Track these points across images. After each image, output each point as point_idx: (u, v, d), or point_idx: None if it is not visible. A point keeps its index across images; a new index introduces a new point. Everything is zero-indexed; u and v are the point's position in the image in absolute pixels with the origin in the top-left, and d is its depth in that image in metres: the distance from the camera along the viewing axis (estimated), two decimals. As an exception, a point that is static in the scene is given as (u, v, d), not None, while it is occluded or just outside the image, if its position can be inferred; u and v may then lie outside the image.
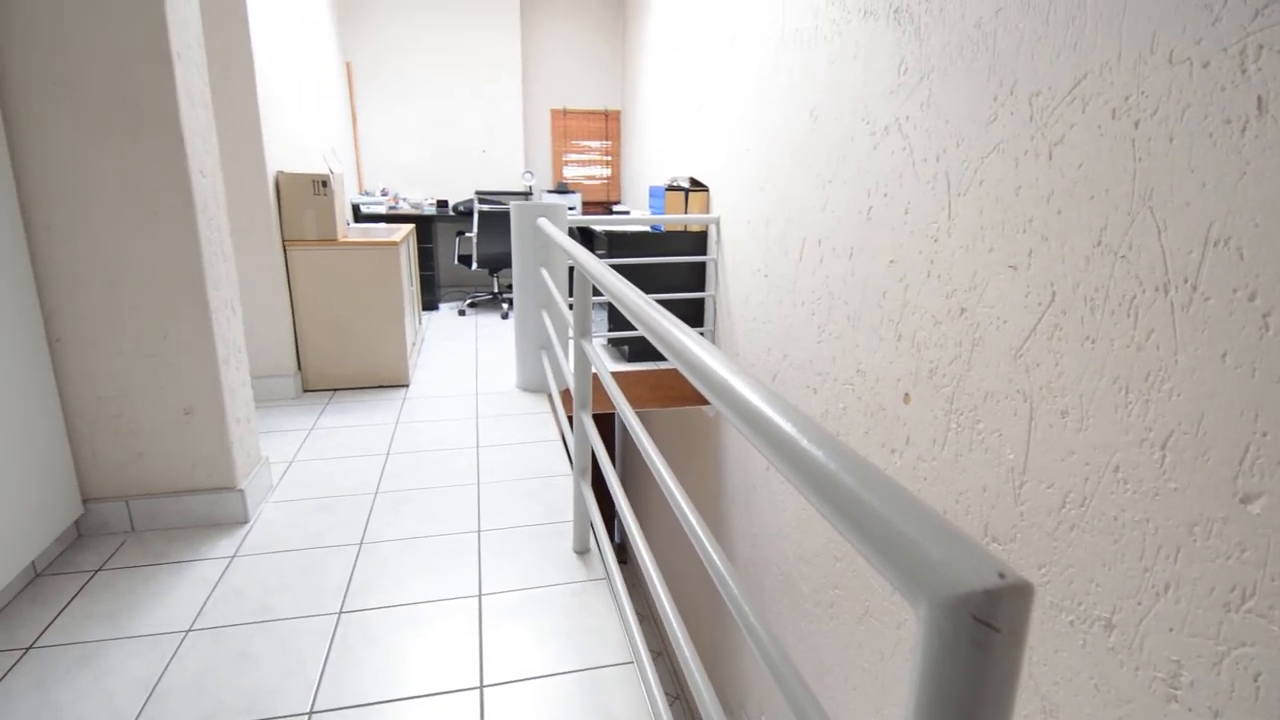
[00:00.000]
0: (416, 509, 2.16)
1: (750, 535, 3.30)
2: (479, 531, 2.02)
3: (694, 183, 3.83)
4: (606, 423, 6.78)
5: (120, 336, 1.87)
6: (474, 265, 4.99)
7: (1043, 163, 1.54)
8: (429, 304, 5.20)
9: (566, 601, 1.70)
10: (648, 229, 3.83)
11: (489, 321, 4.86)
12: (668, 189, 3.88)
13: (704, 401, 3.76)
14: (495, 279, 5.39)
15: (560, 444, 2.71)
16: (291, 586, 1.75)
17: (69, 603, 1.68)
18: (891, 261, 2.09)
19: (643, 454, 1.14)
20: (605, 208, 6.19)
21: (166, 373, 1.92)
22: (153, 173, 1.80)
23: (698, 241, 3.80)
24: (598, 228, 3.99)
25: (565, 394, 3.32)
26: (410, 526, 2.05)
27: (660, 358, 3.75)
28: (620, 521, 6.81)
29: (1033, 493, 1.60)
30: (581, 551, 1.90)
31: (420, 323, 4.43)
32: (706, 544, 0.80)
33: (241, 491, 2.03)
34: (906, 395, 2.04)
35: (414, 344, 3.81)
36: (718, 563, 0.77)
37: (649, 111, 5.20)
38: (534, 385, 3.32)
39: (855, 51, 2.28)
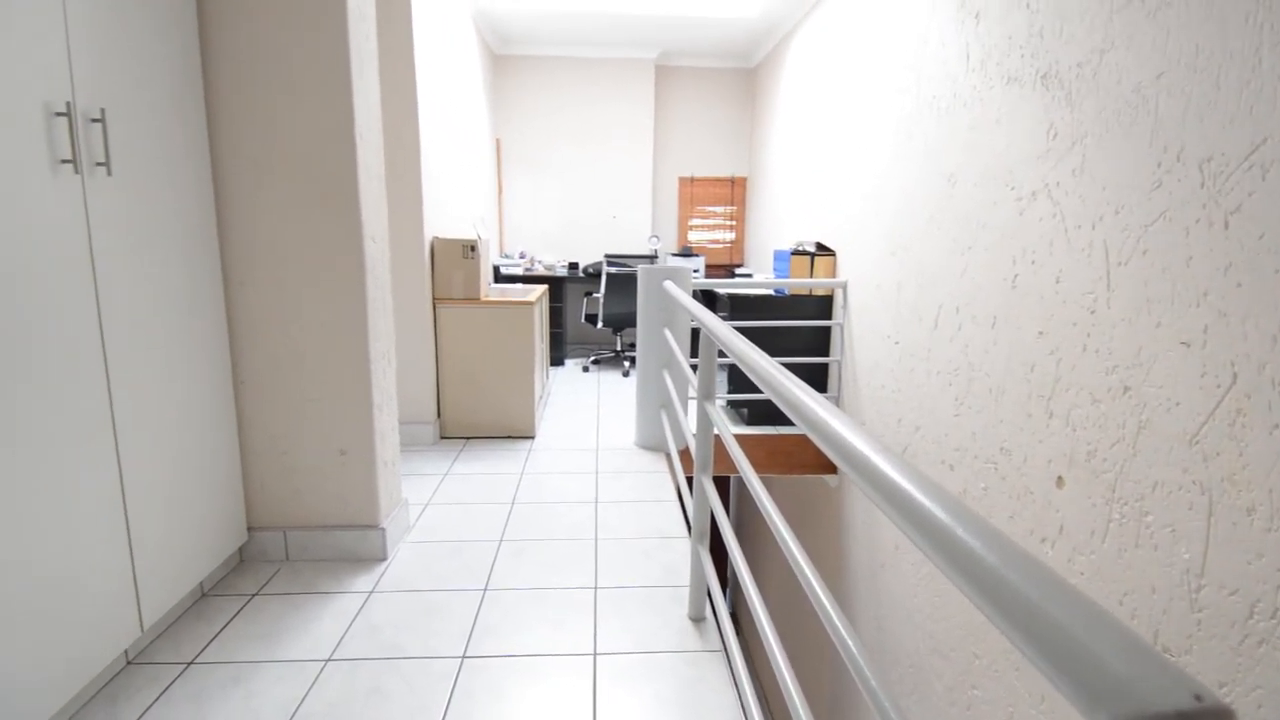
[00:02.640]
0: (537, 559, 2.21)
1: (876, 619, 3.09)
2: (596, 588, 2.03)
3: (820, 247, 3.80)
4: (721, 485, 6.67)
5: (292, 382, 2.09)
6: (599, 324, 5.17)
7: (1218, 232, 1.41)
8: (556, 360, 5.42)
9: (682, 671, 1.66)
10: (771, 292, 3.83)
11: (611, 378, 4.98)
12: (793, 253, 3.88)
13: (827, 470, 3.62)
14: (618, 337, 5.55)
15: (677, 504, 2.70)
16: (420, 626, 1.83)
17: (228, 623, 1.84)
18: (1041, 333, 1.96)
19: (768, 523, 1.12)
20: (728, 270, 6.26)
21: (327, 416, 2.12)
22: (332, 238, 2.03)
23: (823, 305, 3.74)
24: (721, 290, 4.03)
25: (683, 453, 3.32)
26: (531, 576, 2.10)
27: (781, 422, 3.68)
28: (732, 587, 6.59)
29: (1212, 599, 1.40)
30: (697, 619, 1.86)
31: (547, 377, 4.62)
32: (840, 628, 0.77)
33: (383, 530, 2.17)
34: (1059, 479, 1.87)
35: (541, 398, 3.97)
36: (854, 650, 0.73)
37: (775, 177, 5.26)
38: (652, 443, 3.35)
39: (998, 117, 2.22)
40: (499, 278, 5.37)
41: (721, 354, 1.77)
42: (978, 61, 2.34)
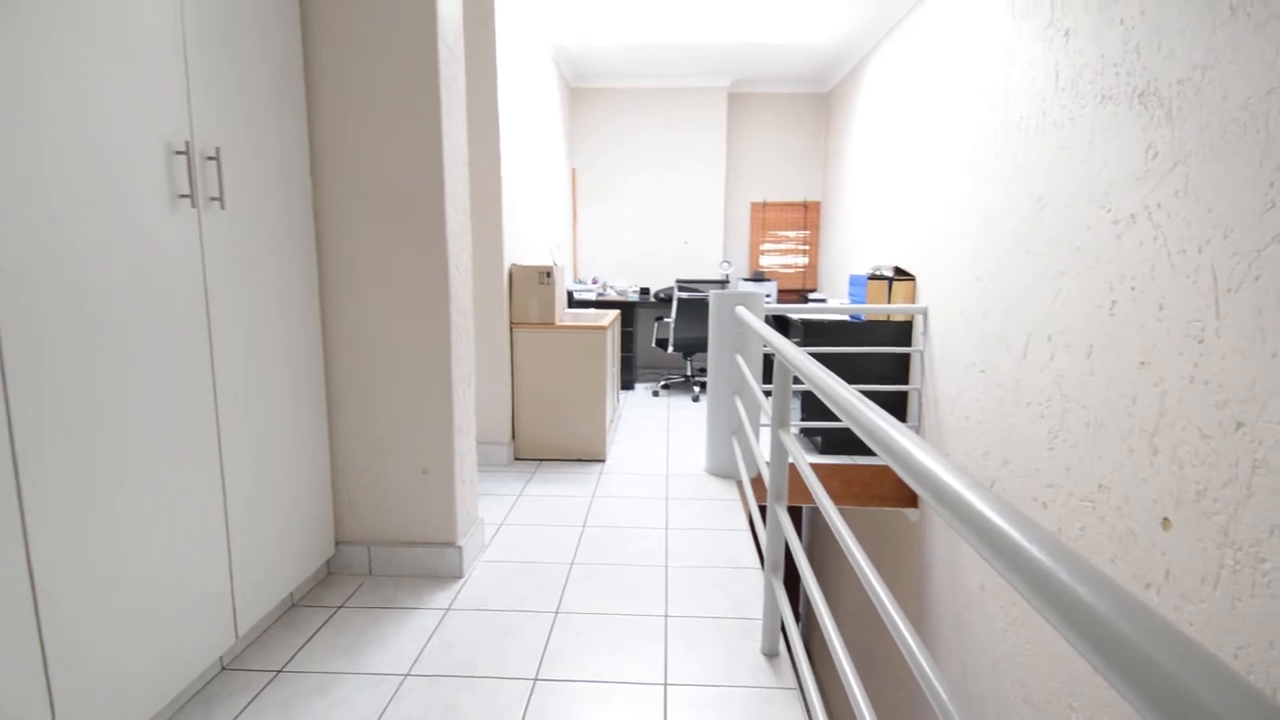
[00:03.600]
0: (609, 584, 2.21)
1: (960, 664, 2.93)
2: (666, 616, 2.02)
3: (899, 271, 3.71)
4: (793, 515, 6.52)
5: (380, 402, 2.19)
6: (670, 349, 5.18)
7: (1350, 256, 1.30)
8: (626, 384, 5.47)
9: (755, 708, 1.62)
10: (847, 317, 3.75)
11: (680, 403, 4.98)
12: (870, 277, 3.79)
13: (907, 503, 3.49)
14: (689, 362, 5.54)
15: (748, 534, 2.66)
16: (495, 645, 1.86)
17: (315, 634, 1.92)
18: (1143, 363, 1.85)
19: (848, 558, 1.09)
20: (801, 295, 6.18)
21: (411, 435, 2.20)
22: (419, 267, 2.13)
23: (901, 332, 3.63)
24: (794, 315, 3.98)
25: (755, 481, 3.27)
26: (602, 601, 2.10)
27: (857, 451, 3.58)
28: (805, 622, 6.40)
29: (1354, 661, 1.27)
30: (770, 654, 1.81)
31: (618, 401, 4.66)
32: (929, 672, 0.74)
33: (460, 548, 2.23)
34: (1165, 520, 1.74)
35: (612, 421, 4.00)
36: (943, 697, 0.70)
37: (850, 201, 5.18)
38: (723, 470, 3.31)
39: (1091, 137, 2.12)
40: (572, 303, 5.48)
41: (796, 380, 1.75)
42: (1068, 80, 2.26)
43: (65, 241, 1.21)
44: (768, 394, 3.26)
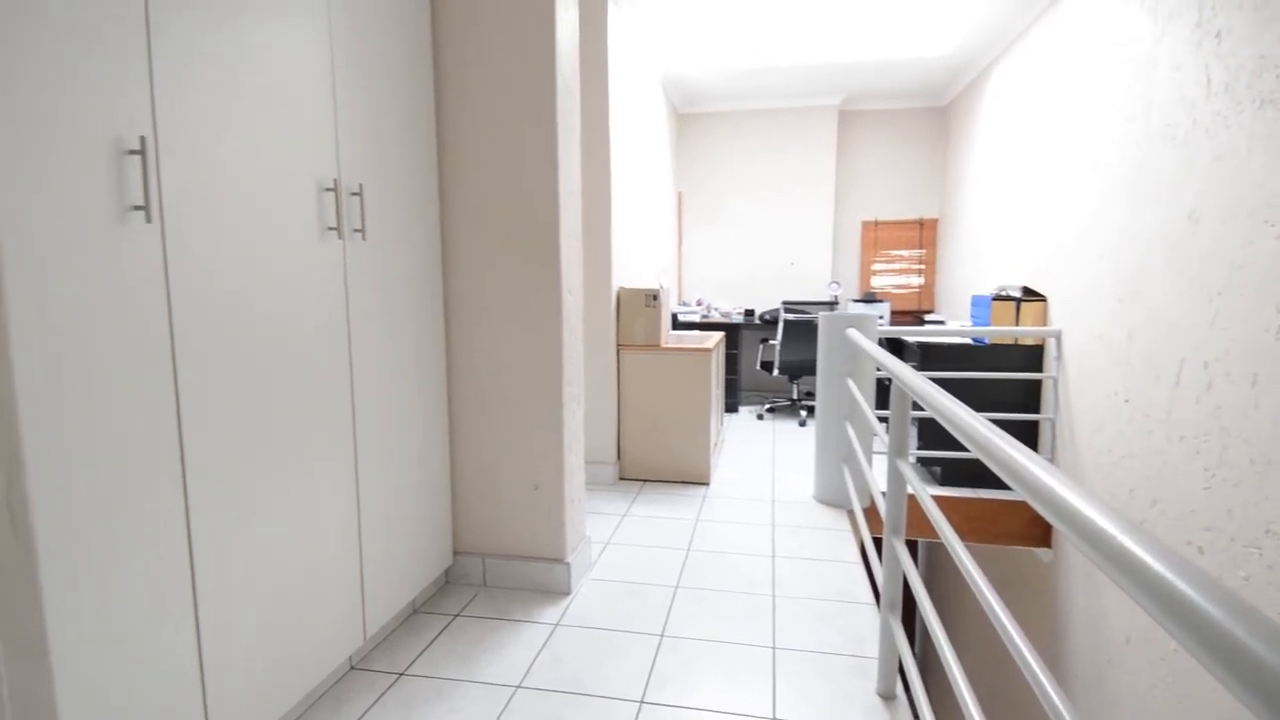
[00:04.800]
0: (714, 610, 2.19)
1: None
2: (774, 648, 1.97)
3: (1027, 291, 3.48)
4: (908, 550, 6.18)
5: (497, 419, 2.28)
6: (775, 371, 5.10)
7: None
8: (730, 406, 5.41)
9: (869, 748, 1.54)
10: (969, 341, 3.55)
11: (786, 428, 4.87)
12: (994, 298, 3.58)
13: (1038, 542, 3.24)
14: (795, 385, 5.42)
15: (860, 566, 2.55)
16: (601, 664, 1.87)
17: (434, 640, 2.01)
18: (1324, 395, 1.63)
19: (980, 600, 1.02)
20: (916, 317, 5.91)
21: (524, 452, 2.28)
22: (535, 290, 2.22)
23: (1031, 356, 3.40)
24: (910, 338, 3.81)
25: (868, 511, 3.13)
26: (708, 628, 2.08)
27: (982, 484, 3.36)
28: (921, 663, 6.02)
29: None
30: (886, 696, 1.72)
31: (722, 424, 4.62)
32: (1076, 727, 0.68)
33: (568, 565, 2.28)
34: (1357, 575, 1.52)
35: (715, 444, 3.98)
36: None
37: (972, 218, 4.93)
38: (832, 498, 3.20)
39: (1249, 145, 1.92)
40: (676, 324, 5.51)
41: (915, 407, 1.67)
42: (1221, 85, 2.06)
43: (235, 270, 1.35)
44: (882, 420, 3.13)
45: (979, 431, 1.02)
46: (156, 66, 1.15)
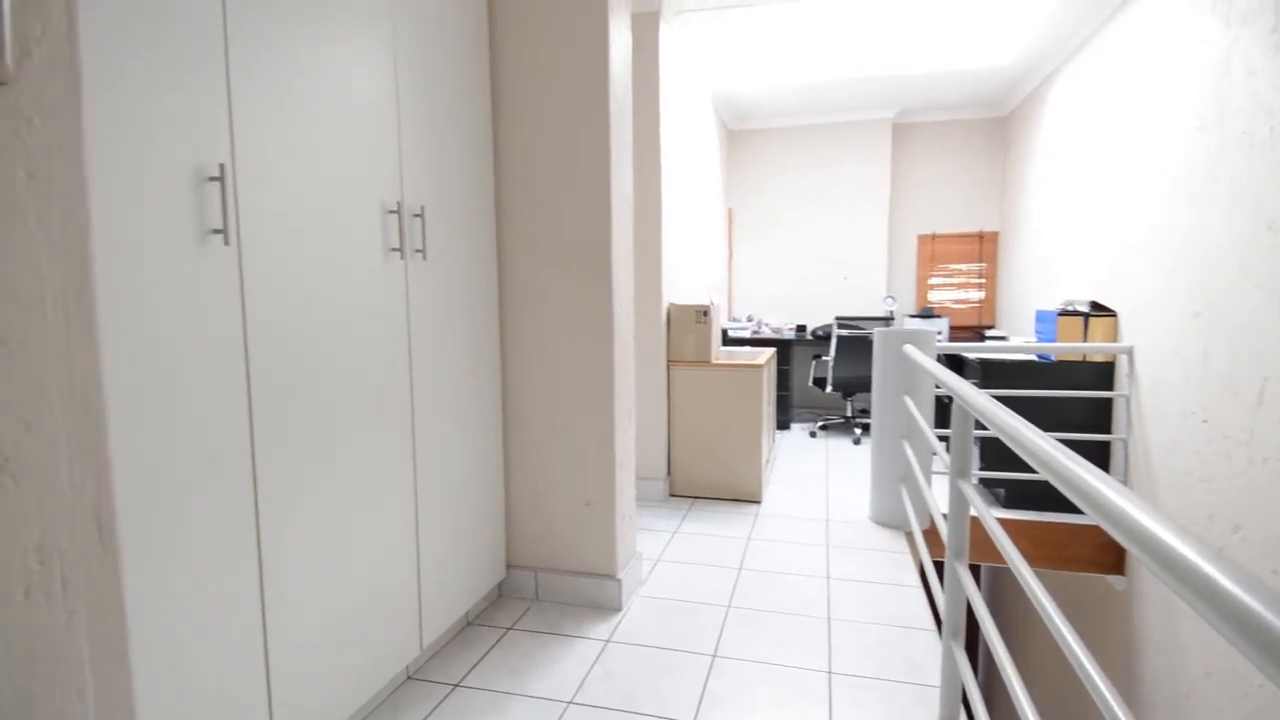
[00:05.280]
0: (767, 632, 2.15)
1: (1179, 759, 2.51)
2: (830, 673, 1.92)
3: (1096, 306, 3.34)
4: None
5: (550, 434, 2.31)
6: (828, 388, 5.01)
7: None
8: (782, 423, 5.34)
9: (931, 780, 1.48)
10: (1034, 357, 3.43)
11: (840, 445, 4.78)
12: (1060, 313, 3.46)
13: (1110, 569, 3.08)
14: (849, 403, 5.32)
15: (920, 590, 2.47)
16: (653, 683, 1.86)
17: (487, 652, 2.04)
18: None
19: (1051, 629, 0.98)
20: (976, 333, 5.74)
21: (576, 468, 2.30)
22: (587, 307, 2.24)
23: (1100, 374, 3.26)
24: (970, 355, 3.70)
25: (928, 533, 3.04)
26: (761, 650, 2.04)
27: (1049, 508, 3.22)
28: (985, 693, 5.77)
29: None
30: (949, 724, 1.66)
31: (773, 441, 4.56)
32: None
33: (619, 581, 2.28)
34: None
35: (767, 462, 3.93)
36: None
37: (1035, 230, 4.77)
38: (889, 519, 3.12)
39: (1348, 148, 1.81)
40: (727, 340, 5.48)
41: (977, 425, 1.62)
42: (1312, 86, 1.95)
43: (304, 289, 1.41)
44: (942, 439, 3.04)
45: (1048, 452, 0.99)
46: (235, 98, 1.22)
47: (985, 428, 1.40)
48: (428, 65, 1.85)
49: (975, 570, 5.85)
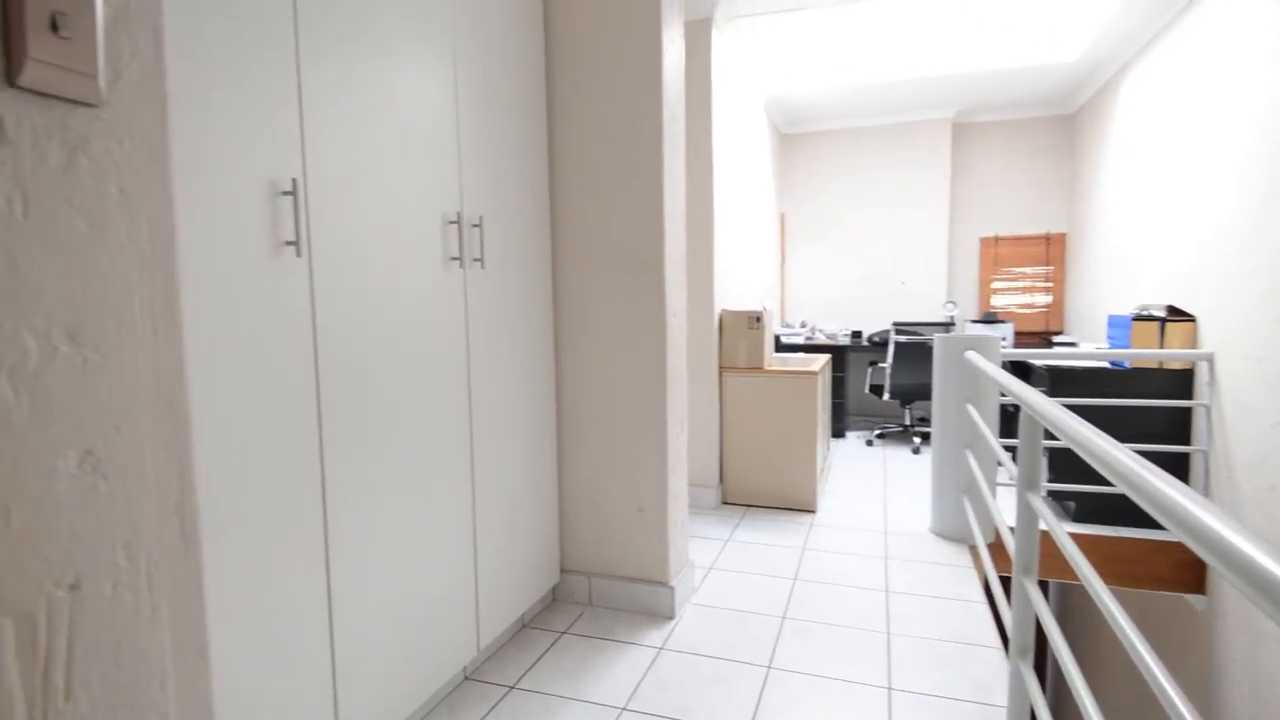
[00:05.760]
0: (823, 644, 2.10)
1: (1272, 795, 2.34)
2: (889, 689, 1.86)
3: (1173, 311, 3.17)
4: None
5: (603, 440, 2.32)
6: (886, 395, 4.89)
7: None
8: (837, 432, 5.24)
9: (998, 805, 1.42)
10: (1105, 364, 3.28)
11: (898, 455, 4.66)
12: (1135, 318, 3.30)
13: (1191, 588, 2.91)
14: (907, 411, 5.18)
15: (985, 606, 2.38)
16: (706, 693, 1.85)
17: (542, 655, 2.05)
18: None
19: (1130, 651, 0.93)
20: (1043, 339, 5.52)
21: (629, 474, 2.30)
22: (640, 314, 2.25)
23: (1178, 381, 3.09)
24: (1037, 361, 3.56)
25: (993, 547, 2.93)
26: (817, 662, 2.00)
27: (1125, 522, 3.07)
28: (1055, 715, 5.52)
29: None
30: (1016, 747, 1.59)
31: (828, 449, 4.48)
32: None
33: (672, 588, 2.27)
34: None
35: (822, 471, 3.86)
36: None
37: (1106, 231, 4.57)
38: (951, 532, 3.02)
39: None
40: (779, 347, 5.41)
41: (1047, 435, 1.55)
42: None
43: (369, 298, 1.46)
44: (1008, 449, 2.93)
45: (1126, 464, 0.94)
46: (306, 115, 1.27)
47: (1054, 438, 1.34)
48: (486, 77, 1.90)
49: (1043, 586, 5.61)
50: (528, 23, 2.14)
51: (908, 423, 5.15)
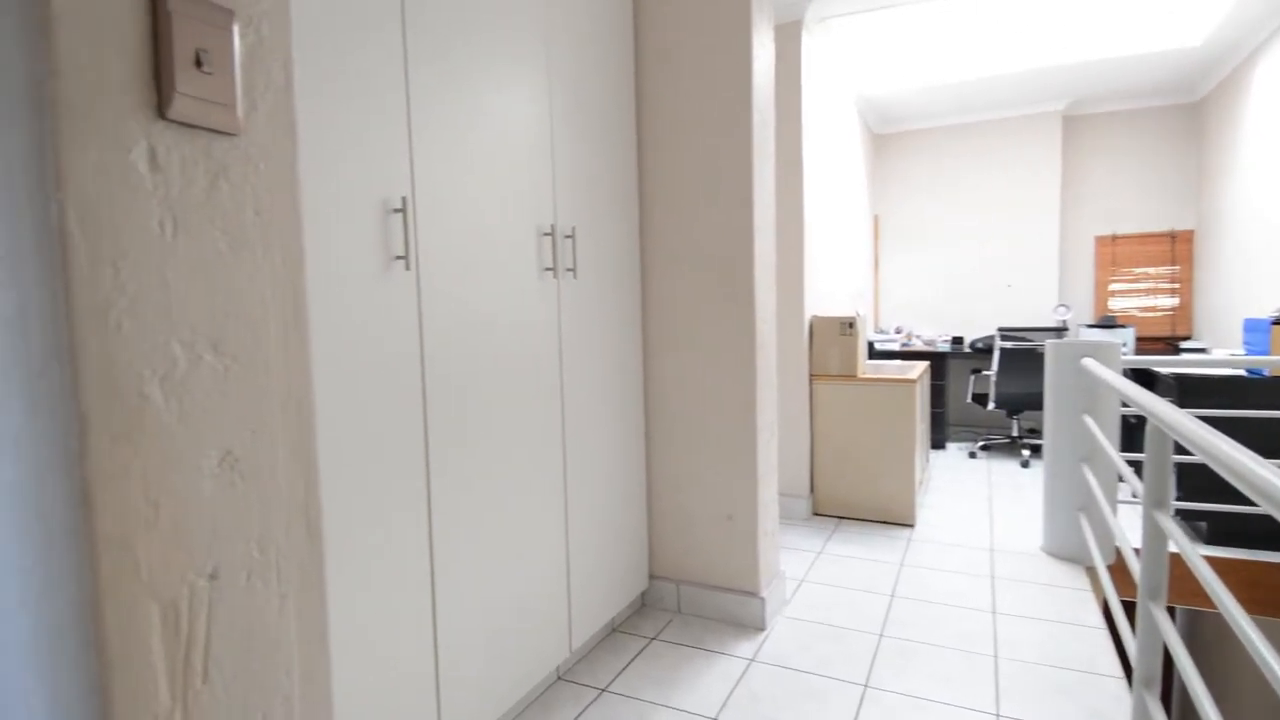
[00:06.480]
0: (924, 665, 2.01)
1: None
2: (997, 716, 1.76)
3: (1327, 314, 2.84)
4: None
5: (691, 446, 2.32)
6: (990, 405, 4.64)
7: None
8: (937, 443, 5.01)
9: None
10: (1241, 373, 2.98)
11: (1004, 468, 4.40)
12: (1275, 322, 2.98)
13: (1349, 622, 2.59)
14: (1014, 421, 4.89)
15: (1104, 632, 2.21)
16: (800, 709, 1.80)
17: (632, 660, 2.07)
18: None
19: (1275, 685, 0.84)
20: (1169, 345, 5.08)
21: (718, 480, 2.29)
22: (729, 320, 2.23)
23: (1335, 393, 2.76)
24: (1163, 369, 3.28)
25: (1112, 569, 2.72)
26: (918, 684, 1.91)
27: (1269, 546, 2.77)
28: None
29: None
30: (1144, 788, 1.46)
31: (927, 461, 4.29)
32: None
33: (762, 599, 2.23)
34: None
35: (920, 483, 3.69)
36: None
37: (1241, 229, 4.16)
38: (1065, 551, 2.82)
39: None
40: (873, 354, 5.24)
41: (1177, 450, 1.42)
42: None
43: (471, 308, 1.52)
44: (1132, 465, 2.71)
45: (1273, 484, 0.85)
46: (415, 138, 1.35)
47: (1185, 452, 1.23)
48: (578, 87, 1.94)
49: (1169, 612, 5.15)
50: (618, 31, 2.17)
51: (1015, 434, 4.86)
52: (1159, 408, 1.38)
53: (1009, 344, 4.53)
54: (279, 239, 0.73)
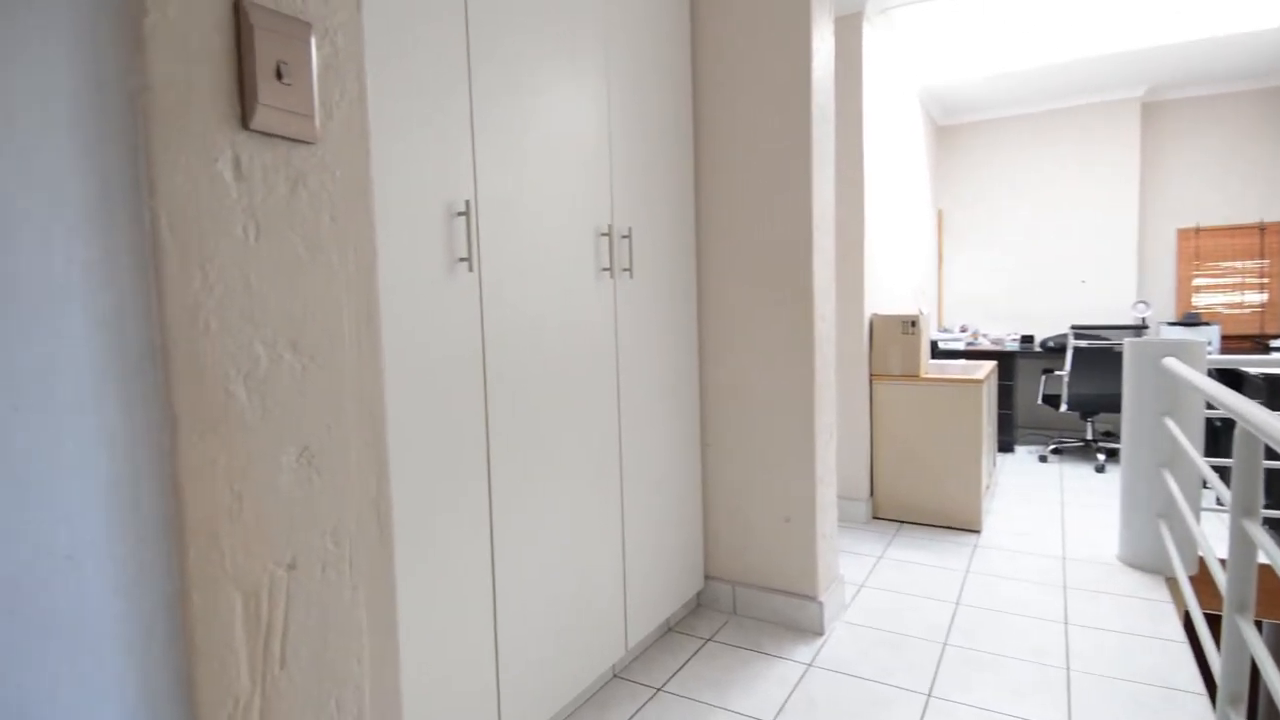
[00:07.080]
0: (991, 676, 1.94)
1: None
2: (1071, 730, 1.68)
3: None
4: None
5: (747, 447, 2.30)
6: (1063, 406, 4.44)
7: None
8: (1004, 446, 4.83)
9: None
10: (1347, 375, 2.77)
11: (1078, 473, 4.20)
12: (1388, 320, 2.76)
13: None
14: (1089, 424, 4.67)
15: (1185, 646, 2.09)
16: (859, 716, 1.76)
17: (687, 660, 2.06)
18: None
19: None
20: (1258, 343, 4.77)
21: (775, 482, 2.26)
22: (787, 319, 2.20)
23: None
24: (1252, 370, 3.08)
25: (1195, 580, 2.57)
26: (984, 695, 1.85)
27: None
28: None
29: None
30: (1235, 815, 1.38)
31: (994, 465, 4.14)
32: None
33: (820, 604, 2.20)
34: None
35: (987, 487, 3.57)
36: None
37: (1346, 218, 3.86)
38: (1144, 561, 2.68)
39: None
40: (936, 353, 5.08)
41: (1268, 455, 1.33)
42: None
43: (530, 308, 1.55)
44: (1218, 470, 2.56)
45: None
46: (477, 143, 1.38)
47: (1276, 457, 1.15)
48: (636, 87, 1.95)
49: (1256, 626, 4.83)
50: (675, 29, 2.17)
51: (1089, 437, 4.64)
52: (1248, 410, 1.30)
53: (1083, 343, 4.33)
54: (353, 243, 0.76)
